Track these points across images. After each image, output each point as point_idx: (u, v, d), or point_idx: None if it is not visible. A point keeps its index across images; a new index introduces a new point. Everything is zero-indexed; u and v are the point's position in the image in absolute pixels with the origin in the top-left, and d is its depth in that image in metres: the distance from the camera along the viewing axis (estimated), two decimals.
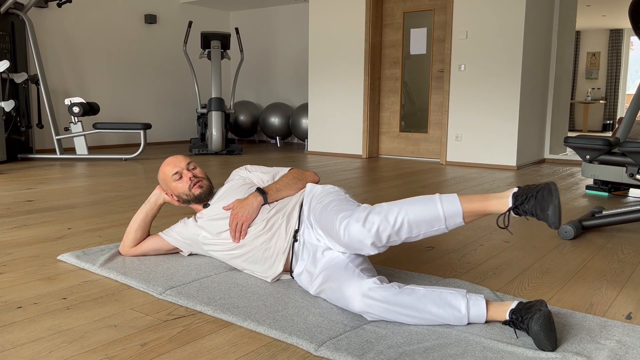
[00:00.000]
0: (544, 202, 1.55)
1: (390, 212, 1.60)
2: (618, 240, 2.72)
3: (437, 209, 1.59)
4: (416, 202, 1.62)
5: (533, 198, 1.57)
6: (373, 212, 1.63)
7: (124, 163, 5.75)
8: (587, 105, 12.00)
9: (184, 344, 1.50)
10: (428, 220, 1.58)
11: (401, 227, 1.59)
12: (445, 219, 1.58)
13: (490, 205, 1.60)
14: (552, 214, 1.54)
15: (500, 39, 5.54)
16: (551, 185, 1.57)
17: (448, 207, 1.59)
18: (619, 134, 3.30)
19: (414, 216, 1.59)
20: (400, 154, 6.57)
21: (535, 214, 1.57)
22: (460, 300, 1.59)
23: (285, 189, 2.04)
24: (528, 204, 1.57)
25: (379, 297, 1.58)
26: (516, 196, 1.59)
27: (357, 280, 1.62)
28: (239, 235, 1.96)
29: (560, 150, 6.65)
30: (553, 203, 1.54)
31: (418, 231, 1.60)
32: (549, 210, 1.54)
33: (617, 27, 11.77)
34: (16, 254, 2.36)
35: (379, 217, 1.60)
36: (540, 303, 1.54)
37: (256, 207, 1.97)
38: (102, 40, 7.20)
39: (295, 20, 8.14)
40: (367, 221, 1.61)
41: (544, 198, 1.55)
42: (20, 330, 1.58)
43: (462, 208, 1.58)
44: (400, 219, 1.59)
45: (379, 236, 1.60)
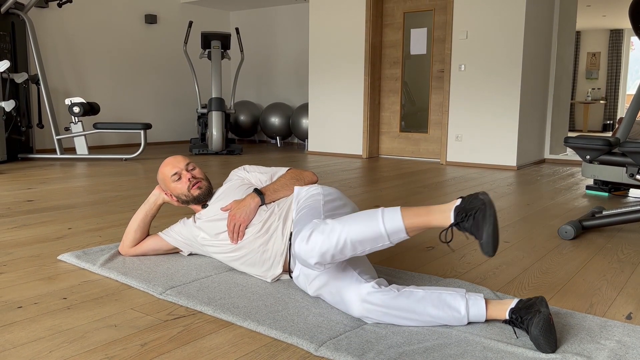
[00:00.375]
0: (480, 225, 1.48)
1: (333, 231, 1.55)
2: (618, 240, 2.72)
3: (378, 227, 1.53)
4: (359, 220, 1.56)
5: (471, 217, 1.50)
6: (317, 230, 1.57)
7: (124, 163, 5.75)
8: (587, 105, 12.00)
9: (184, 344, 1.51)
10: (371, 238, 1.54)
11: (344, 246, 1.54)
12: (388, 236, 1.53)
13: (432, 220, 1.54)
14: (486, 243, 1.48)
15: (501, 39, 5.54)
16: (487, 209, 1.49)
17: (390, 224, 1.53)
18: (619, 134, 3.30)
19: (356, 235, 1.53)
20: (401, 154, 6.57)
21: (473, 234, 1.51)
22: (460, 300, 1.58)
23: (283, 189, 2.03)
24: (467, 222, 1.51)
25: (377, 301, 1.57)
26: (458, 211, 1.53)
27: (356, 285, 1.62)
28: (237, 236, 1.96)
29: (560, 151, 6.65)
30: (487, 231, 1.47)
31: (362, 248, 1.55)
32: (482, 239, 1.48)
33: (618, 27, 11.77)
34: (16, 253, 2.36)
35: (322, 237, 1.55)
36: (540, 301, 1.54)
37: (253, 208, 1.97)
38: (103, 40, 7.20)
39: (296, 20, 8.14)
40: (310, 240, 1.55)
41: (479, 222, 1.49)
42: (20, 330, 1.58)
43: (403, 224, 1.53)
44: (342, 239, 1.53)
45: (322, 256, 1.55)
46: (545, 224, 3.07)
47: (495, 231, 1.48)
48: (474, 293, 1.63)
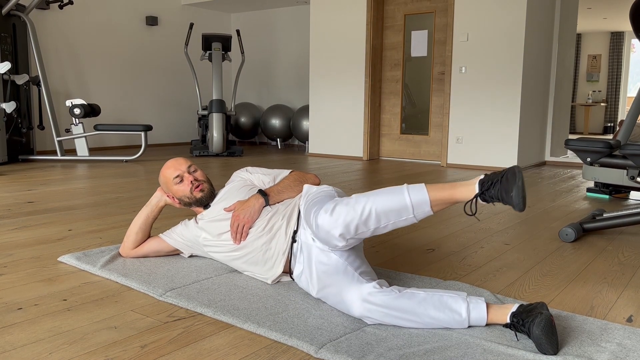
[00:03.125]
0: (508, 185, 1.54)
1: (358, 202, 1.59)
2: (619, 242, 2.72)
3: (404, 198, 1.57)
4: (384, 192, 1.61)
5: (498, 183, 1.56)
6: (341, 203, 1.61)
7: (125, 165, 5.76)
8: (588, 107, 12.00)
9: (184, 345, 1.50)
10: (396, 210, 1.57)
11: (369, 216, 1.57)
12: (413, 208, 1.57)
13: (457, 192, 1.59)
14: (516, 195, 1.53)
15: (501, 42, 5.55)
16: (515, 168, 1.56)
17: (415, 195, 1.57)
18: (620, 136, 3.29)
19: (382, 206, 1.57)
20: (401, 156, 6.57)
21: (500, 198, 1.56)
22: (461, 303, 1.58)
23: (287, 191, 2.04)
24: (494, 188, 1.56)
25: (378, 301, 1.57)
26: (482, 182, 1.58)
27: (357, 285, 1.62)
28: (240, 236, 1.96)
29: (561, 153, 6.65)
30: (517, 185, 1.53)
31: (387, 221, 1.58)
32: (512, 192, 1.53)
33: (618, 30, 11.78)
34: (17, 255, 2.36)
35: (346, 208, 1.59)
36: (542, 306, 1.53)
37: (258, 209, 1.97)
38: (104, 42, 7.21)
39: (296, 22, 8.15)
40: (334, 211, 1.59)
41: (507, 181, 1.54)
42: (20, 331, 1.58)
43: (429, 196, 1.57)
44: (368, 209, 1.57)
45: (347, 226, 1.58)
46: (545, 227, 3.07)
47: (524, 187, 1.53)
48: (475, 296, 1.63)
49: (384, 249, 2.55)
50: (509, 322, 1.55)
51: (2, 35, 5.54)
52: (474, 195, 1.58)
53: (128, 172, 5.12)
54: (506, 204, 1.55)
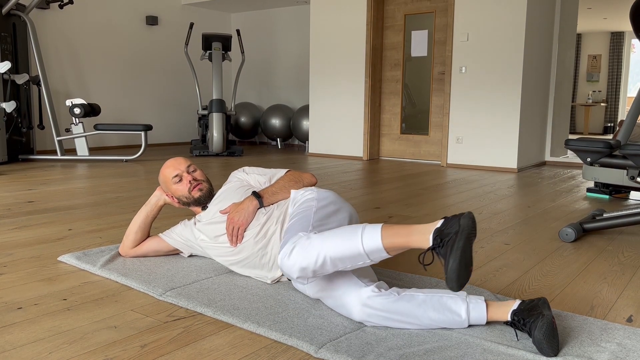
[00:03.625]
0: (447, 256, 1.42)
1: (313, 247, 1.54)
2: (619, 242, 2.72)
3: (357, 246, 1.51)
4: (339, 236, 1.54)
5: (445, 245, 1.44)
6: (298, 246, 1.57)
7: (125, 164, 5.76)
8: (588, 107, 12.00)
9: (184, 345, 1.50)
10: (350, 257, 1.53)
11: (324, 263, 1.53)
12: (367, 255, 1.52)
13: (412, 241, 1.50)
14: (449, 277, 1.41)
15: (501, 42, 5.55)
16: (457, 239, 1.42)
17: (369, 243, 1.51)
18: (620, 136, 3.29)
19: (335, 253, 1.52)
20: (401, 156, 6.57)
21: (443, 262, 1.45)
22: (460, 304, 1.58)
23: (281, 192, 2.02)
24: (443, 248, 1.44)
25: (378, 305, 1.57)
26: (436, 234, 1.47)
27: (356, 289, 1.61)
28: (236, 239, 1.95)
29: (561, 153, 6.65)
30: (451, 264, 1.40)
31: (343, 265, 1.55)
32: (445, 272, 1.41)
33: (618, 30, 11.78)
34: (17, 254, 2.36)
35: (303, 253, 1.54)
36: (543, 303, 1.53)
37: (252, 211, 1.96)
38: (104, 42, 7.21)
39: (297, 22, 8.15)
40: (291, 256, 1.56)
41: (447, 252, 1.42)
42: (20, 331, 1.58)
43: (382, 244, 1.50)
44: (322, 256, 1.53)
45: (303, 271, 1.56)
46: (545, 227, 3.07)
47: (461, 265, 1.40)
48: (475, 296, 1.63)
49: None
50: (509, 320, 1.55)
51: (2, 34, 5.54)
52: (427, 249, 1.49)
53: (128, 172, 5.12)
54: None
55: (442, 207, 3.58)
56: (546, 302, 1.55)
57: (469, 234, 1.43)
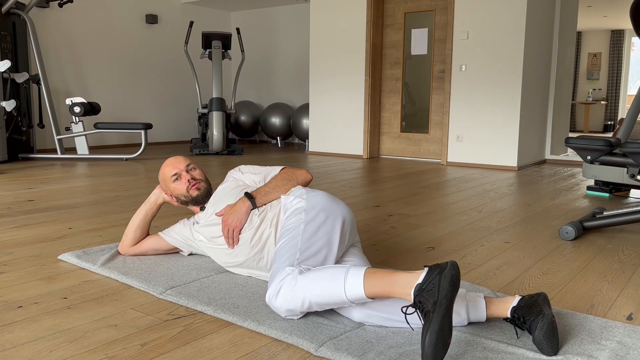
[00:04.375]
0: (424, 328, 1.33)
1: (299, 292, 1.55)
2: (619, 241, 2.72)
3: (340, 294, 1.51)
4: (323, 282, 1.53)
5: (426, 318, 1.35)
6: (285, 286, 1.57)
7: (125, 163, 5.75)
8: (588, 105, 11.99)
9: (185, 343, 1.50)
10: (334, 302, 1.54)
11: (310, 307, 1.56)
12: (349, 301, 1.53)
13: (394, 292, 1.46)
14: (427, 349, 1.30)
15: (502, 40, 5.54)
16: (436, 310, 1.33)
17: (351, 291, 1.50)
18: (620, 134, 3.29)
19: (320, 299, 1.54)
20: (401, 155, 6.57)
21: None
22: (460, 303, 1.58)
23: (274, 191, 1.99)
24: (423, 314, 1.37)
25: (377, 306, 1.57)
26: (417, 292, 1.40)
27: None
28: (232, 241, 1.95)
29: (561, 151, 6.65)
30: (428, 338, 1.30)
31: (329, 307, 1.57)
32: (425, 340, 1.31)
33: (619, 28, 11.77)
34: (17, 253, 2.36)
35: (289, 297, 1.55)
36: (543, 300, 1.53)
37: (245, 212, 1.94)
38: (103, 40, 7.20)
39: (296, 20, 8.14)
40: (278, 297, 1.57)
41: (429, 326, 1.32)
42: (20, 329, 1.58)
43: (364, 293, 1.48)
44: (307, 302, 1.55)
45: (291, 313, 1.59)
46: (546, 225, 3.07)
47: (438, 342, 1.30)
48: (474, 293, 1.63)
49: (384, 247, 2.55)
50: (509, 317, 1.55)
51: (2, 33, 5.54)
52: (410, 305, 1.43)
53: (128, 171, 5.12)
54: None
55: (442, 206, 3.58)
56: (546, 297, 1.54)
57: (448, 304, 1.34)
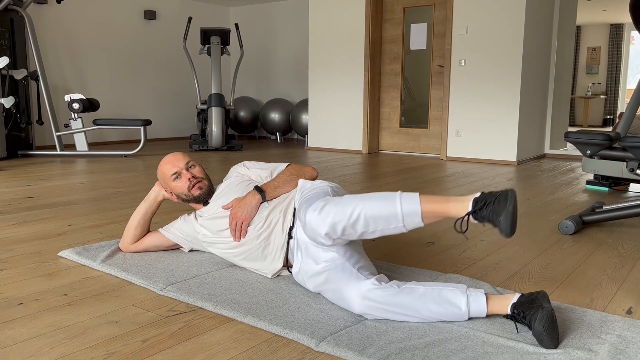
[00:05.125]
0: (499, 208, 1.50)
1: (348, 204, 1.57)
2: (618, 235, 2.72)
3: (395, 207, 1.54)
4: (376, 198, 1.58)
5: (491, 204, 1.52)
6: (331, 202, 1.59)
7: (124, 159, 5.75)
8: (587, 100, 11.99)
9: (185, 339, 1.51)
10: (385, 217, 1.54)
11: (357, 220, 1.55)
12: (402, 217, 1.54)
13: (450, 207, 1.55)
14: (504, 221, 1.48)
15: (501, 34, 5.53)
16: (509, 193, 1.52)
17: (407, 205, 1.54)
18: (620, 128, 3.29)
19: (371, 211, 1.55)
20: (401, 150, 6.57)
21: (490, 220, 1.52)
22: (460, 297, 1.58)
23: (283, 186, 2.02)
24: (486, 209, 1.52)
25: (378, 298, 1.57)
26: (476, 201, 1.54)
27: (356, 282, 1.62)
28: (239, 234, 1.95)
29: (560, 146, 6.65)
30: (507, 209, 1.49)
31: (375, 227, 1.56)
32: (501, 217, 1.49)
33: (618, 22, 11.75)
34: (17, 250, 2.36)
35: (336, 208, 1.57)
36: (543, 296, 1.54)
37: (254, 206, 1.96)
38: (102, 37, 7.19)
39: (295, 15, 8.12)
40: (323, 210, 1.58)
41: (499, 204, 1.50)
42: (21, 326, 1.58)
43: (420, 208, 1.53)
44: (357, 212, 1.55)
45: (333, 227, 1.56)
46: (545, 219, 3.07)
47: (514, 212, 1.49)
48: (475, 289, 1.63)
49: (384, 242, 2.56)
50: (509, 314, 1.55)
51: (0, 30, 5.52)
52: (466, 213, 1.54)
53: (127, 167, 5.12)
54: (494, 227, 1.52)
55: None
56: (546, 295, 1.55)
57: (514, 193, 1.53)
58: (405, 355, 1.39)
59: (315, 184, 1.89)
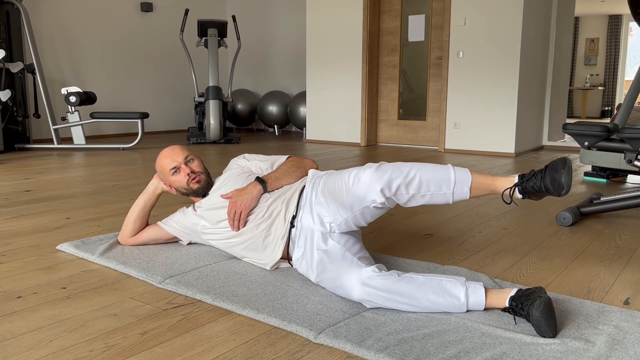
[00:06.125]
0: (554, 171, 1.63)
1: (405, 165, 1.68)
2: (616, 226, 2.73)
3: (449, 172, 1.67)
4: (429, 164, 1.70)
5: (540, 173, 1.66)
6: (386, 163, 1.71)
7: (122, 152, 5.74)
8: (585, 91, 11.98)
9: (184, 332, 1.51)
10: (438, 181, 1.65)
11: (412, 179, 1.64)
12: (454, 183, 1.65)
13: (497, 180, 1.70)
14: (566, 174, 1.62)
15: (499, 26, 5.51)
16: (561, 159, 1.66)
17: (460, 173, 1.67)
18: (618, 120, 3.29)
19: (426, 173, 1.65)
20: (399, 142, 6.56)
21: (540, 187, 1.64)
22: (459, 288, 1.59)
23: (285, 177, 2.03)
24: (535, 178, 1.65)
25: (378, 285, 1.58)
26: (522, 175, 1.70)
27: (356, 269, 1.63)
28: (238, 223, 1.96)
29: (558, 137, 6.65)
30: (565, 168, 1.63)
31: (426, 189, 1.66)
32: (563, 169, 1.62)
33: (616, 13, 11.72)
34: (15, 244, 2.36)
35: (393, 167, 1.67)
36: (540, 290, 1.54)
37: (255, 196, 1.97)
38: (98, 29, 7.15)
39: (293, 7, 8.08)
40: (379, 168, 1.67)
41: (552, 168, 1.64)
42: (20, 319, 1.58)
43: (471, 177, 1.67)
44: (413, 172, 1.65)
45: (389, 184, 1.64)
46: (543, 211, 3.08)
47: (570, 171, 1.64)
48: (474, 282, 1.64)
49: (381, 234, 2.56)
50: (507, 306, 1.56)
51: None
52: (513, 185, 1.69)
53: (125, 160, 5.11)
54: (545, 192, 1.65)
55: None
56: (543, 290, 1.56)
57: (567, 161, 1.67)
58: (403, 347, 1.40)
59: (329, 171, 1.94)
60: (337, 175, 1.81)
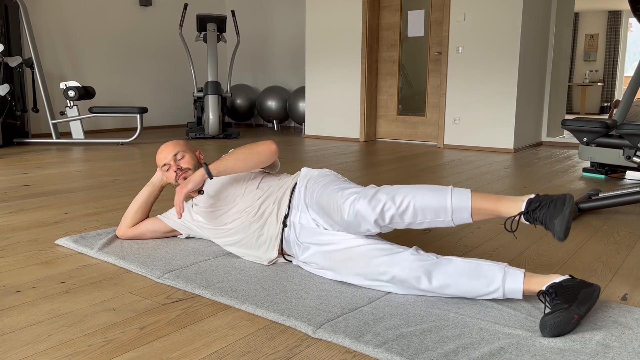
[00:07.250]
0: (554, 212, 1.50)
1: (398, 193, 1.60)
2: (614, 222, 2.73)
3: (445, 200, 1.56)
4: (426, 189, 1.59)
5: (546, 207, 1.52)
6: (381, 191, 1.62)
7: (121, 147, 5.73)
8: (585, 87, 11.97)
9: (183, 327, 1.51)
10: (434, 209, 1.56)
11: (406, 210, 1.57)
12: (452, 211, 1.55)
13: (501, 206, 1.56)
14: (559, 224, 1.48)
15: (499, 21, 5.51)
16: (567, 196, 1.52)
17: (457, 200, 1.55)
18: (617, 116, 3.29)
19: (421, 202, 1.56)
20: (398, 137, 6.56)
21: (543, 223, 1.52)
22: (497, 271, 1.58)
23: (232, 163, 1.95)
24: (540, 211, 1.52)
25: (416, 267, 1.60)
26: (530, 202, 1.54)
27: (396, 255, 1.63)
28: (179, 209, 1.90)
29: (557, 133, 6.65)
30: (563, 213, 1.49)
31: (423, 218, 1.58)
32: (556, 220, 1.49)
33: (616, 9, 11.70)
34: (14, 238, 2.36)
35: (386, 197, 1.60)
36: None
37: (195, 179, 1.93)
38: (97, 24, 7.12)
39: (292, 1, 8.06)
40: (374, 198, 1.61)
41: (556, 207, 1.50)
42: (19, 314, 1.59)
43: (471, 203, 1.55)
44: (406, 202, 1.58)
45: (382, 215, 1.59)
46: None
47: (570, 217, 1.49)
48: (515, 268, 1.61)
49: None
50: (543, 290, 1.52)
51: None
52: (518, 213, 1.54)
53: (124, 155, 5.10)
54: (547, 230, 1.52)
55: None
56: None
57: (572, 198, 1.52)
58: (401, 342, 1.40)
59: (323, 172, 1.92)
60: (331, 192, 1.74)
